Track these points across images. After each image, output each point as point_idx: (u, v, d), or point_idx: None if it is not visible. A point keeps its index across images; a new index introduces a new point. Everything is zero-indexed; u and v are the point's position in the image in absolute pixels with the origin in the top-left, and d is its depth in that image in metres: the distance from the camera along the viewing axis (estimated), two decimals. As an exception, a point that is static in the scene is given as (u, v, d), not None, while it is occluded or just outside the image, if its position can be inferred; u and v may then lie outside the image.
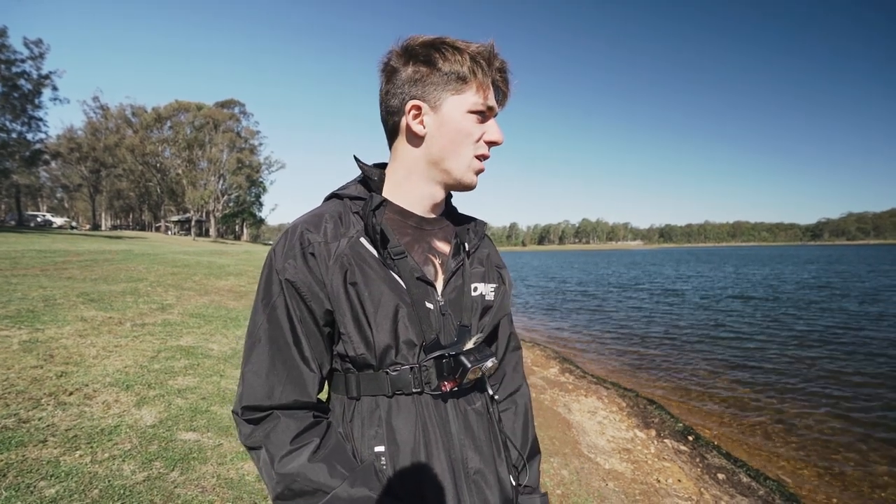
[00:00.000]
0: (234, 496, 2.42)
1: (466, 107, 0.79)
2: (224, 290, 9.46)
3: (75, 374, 3.74)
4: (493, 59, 0.80)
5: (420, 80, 0.79)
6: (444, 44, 0.79)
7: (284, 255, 0.76)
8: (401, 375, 0.77)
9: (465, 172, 0.83)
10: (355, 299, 0.75)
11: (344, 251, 0.76)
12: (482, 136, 0.82)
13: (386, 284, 0.76)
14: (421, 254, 0.84)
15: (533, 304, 16.38)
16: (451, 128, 0.80)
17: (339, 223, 0.80)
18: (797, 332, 9.93)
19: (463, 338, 0.81)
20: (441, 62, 0.78)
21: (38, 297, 6.32)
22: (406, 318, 0.77)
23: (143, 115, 52.41)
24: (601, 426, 4.69)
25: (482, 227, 0.95)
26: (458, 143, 0.81)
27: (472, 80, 0.78)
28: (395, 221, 0.83)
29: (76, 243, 17.91)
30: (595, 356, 8.45)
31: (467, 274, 0.86)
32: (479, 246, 0.91)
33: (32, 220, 40.70)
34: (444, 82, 0.78)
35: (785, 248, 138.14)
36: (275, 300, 0.76)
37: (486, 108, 0.81)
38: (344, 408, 0.81)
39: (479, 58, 0.79)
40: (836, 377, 6.68)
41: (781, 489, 3.71)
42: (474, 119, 0.80)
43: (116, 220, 71.87)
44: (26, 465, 2.43)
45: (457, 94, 0.79)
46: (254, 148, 59.04)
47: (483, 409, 0.86)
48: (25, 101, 33.38)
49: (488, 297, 0.89)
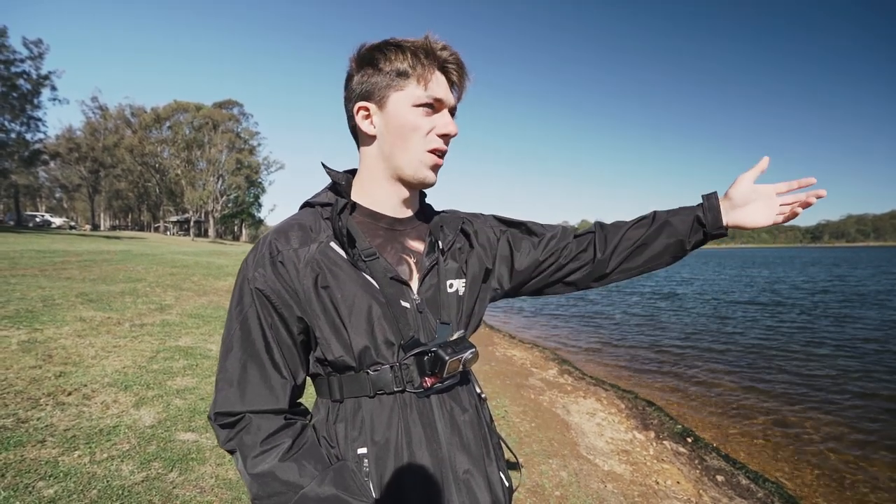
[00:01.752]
0: (233, 497, 2.42)
1: (410, 101, 0.79)
2: (222, 291, 9.45)
3: (74, 375, 3.74)
4: (435, 49, 0.80)
5: (365, 82, 0.81)
6: (387, 44, 0.80)
7: (255, 264, 0.77)
8: (381, 375, 0.77)
9: (418, 168, 0.83)
10: (328, 303, 0.76)
11: (314, 256, 0.77)
12: (432, 129, 0.82)
13: (358, 286, 0.77)
14: (394, 254, 0.84)
15: (531, 306, 16.39)
16: (397, 123, 0.80)
17: (310, 230, 0.80)
18: (798, 335, 9.94)
19: (443, 334, 0.81)
20: (383, 62, 0.79)
21: (36, 297, 6.32)
22: (382, 317, 0.77)
23: (142, 116, 52.41)
24: (600, 428, 4.69)
25: (457, 221, 0.92)
26: (405, 138, 0.81)
27: (412, 73, 0.79)
28: (366, 224, 0.84)
29: (75, 243, 17.88)
30: (594, 358, 8.45)
31: (442, 272, 0.85)
32: (453, 242, 0.90)
33: (31, 220, 40.64)
34: (387, 81, 0.79)
35: (784, 251, 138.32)
36: (246, 310, 0.77)
37: (433, 99, 0.80)
38: (328, 411, 0.81)
39: (419, 51, 0.79)
40: (835, 379, 6.69)
41: (780, 491, 3.71)
42: (421, 112, 0.80)
43: (115, 220, 71.75)
44: (25, 465, 2.42)
45: (399, 91, 0.80)
46: (253, 148, 59.04)
47: (471, 408, 0.86)
48: (24, 102, 33.36)
49: (461, 292, 0.88)
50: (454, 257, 0.89)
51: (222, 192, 55.83)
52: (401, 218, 0.87)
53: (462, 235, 0.93)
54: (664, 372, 7.30)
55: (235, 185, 56.40)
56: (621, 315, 13.50)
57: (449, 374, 0.78)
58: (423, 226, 0.90)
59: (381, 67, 0.79)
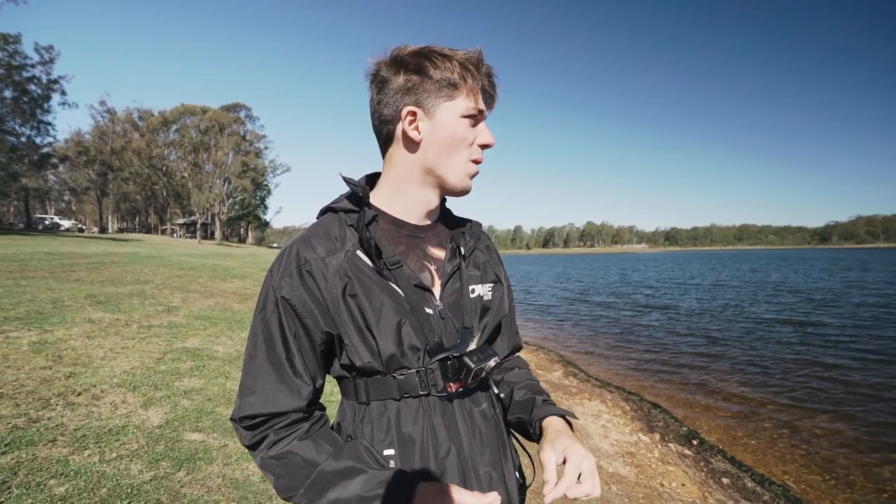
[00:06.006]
0: (240, 496, 2.44)
1: (459, 112, 0.81)
2: (229, 293, 9.52)
3: (83, 375, 3.79)
4: (481, 64, 0.83)
5: (413, 89, 0.81)
6: (432, 52, 0.81)
7: (281, 273, 0.79)
8: (408, 379, 0.80)
9: (462, 178, 0.86)
10: (356, 311, 0.77)
11: (342, 265, 0.78)
12: (475, 139, 0.85)
13: (385, 294, 0.79)
14: (416, 261, 0.86)
15: (537, 308, 16.36)
16: (447, 133, 0.82)
17: (336, 238, 0.82)
18: (804, 337, 9.86)
19: (466, 339, 0.83)
20: (432, 70, 0.80)
21: (46, 298, 6.40)
22: (408, 324, 0.79)
23: (149, 119, 52.96)
24: (605, 430, 4.69)
25: (477, 228, 0.97)
26: (453, 148, 0.83)
27: (462, 85, 0.81)
28: (389, 232, 0.85)
29: (83, 246, 18.07)
30: (599, 360, 8.43)
31: (464, 277, 0.88)
32: (474, 248, 0.93)
33: (41, 222, 41.09)
34: (437, 89, 0.80)
35: (793, 252, 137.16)
36: (269, 317, 0.79)
37: (477, 111, 0.83)
38: (354, 412, 0.84)
39: (467, 63, 0.81)
40: (843, 382, 6.63)
41: (786, 494, 3.69)
42: (467, 123, 0.83)
43: (123, 222, 72.39)
44: (36, 463, 2.47)
45: (449, 100, 0.81)
46: (259, 151, 59.49)
47: (489, 409, 0.89)
48: (35, 106, 33.84)
49: (486, 297, 0.91)
50: (475, 263, 0.92)
51: (228, 194, 56.25)
52: (422, 225, 0.89)
53: (486, 239, 0.99)
54: (670, 374, 7.27)
55: (241, 187, 56.79)
56: (627, 317, 13.45)
57: (473, 380, 0.81)
58: (445, 232, 0.92)
59: (430, 75, 0.80)
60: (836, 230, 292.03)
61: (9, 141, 32.29)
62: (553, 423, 0.87)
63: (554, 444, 0.80)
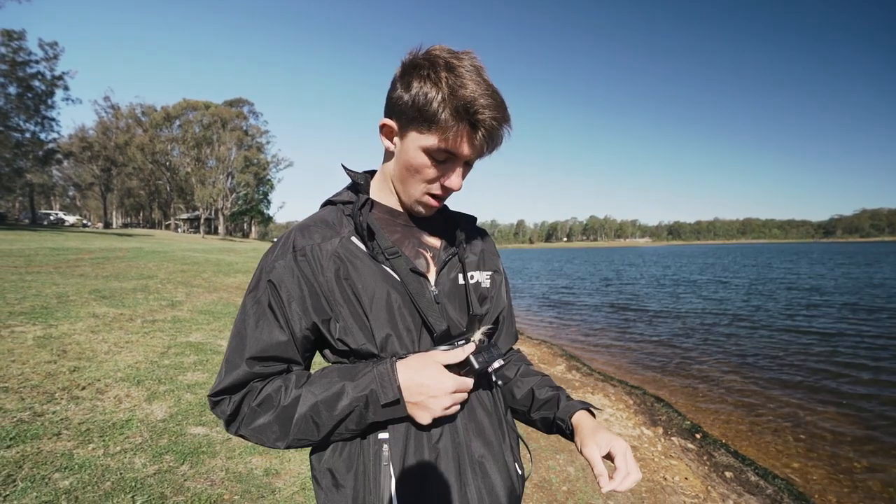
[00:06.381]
0: (243, 489, 2.46)
1: (424, 146, 0.77)
2: (232, 288, 9.55)
3: (88, 370, 3.81)
4: (477, 111, 0.73)
5: (396, 105, 0.79)
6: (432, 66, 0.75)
7: (276, 256, 0.81)
8: None
9: (413, 203, 0.86)
10: (350, 293, 0.79)
11: (336, 250, 0.81)
12: (437, 177, 0.81)
13: (378, 277, 0.80)
14: (412, 248, 0.87)
15: (539, 301, 16.35)
16: (405, 159, 0.81)
17: (332, 225, 0.84)
18: (809, 330, 9.81)
19: (472, 326, 0.84)
20: (416, 86, 0.75)
21: (51, 293, 6.44)
22: (402, 306, 0.80)
23: (152, 114, 52.96)
24: (608, 423, 4.68)
25: (472, 220, 1.01)
26: (408, 176, 0.82)
27: (435, 124, 0.74)
28: (385, 220, 0.88)
29: (88, 241, 18.16)
30: (602, 354, 8.42)
31: (464, 263, 0.89)
32: (471, 238, 0.96)
33: (45, 218, 41.33)
34: (413, 118, 0.76)
35: (797, 245, 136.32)
36: (260, 296, 0.81)
37: (448, 155, 0.78)
38: None
39: (457, 104, 0.73)
40: (848, 375, 6.60)
41: (790, 488, 3.68)
42: (432, 161, 0.79)
43: (127, 217, 72.72)
44: (41, 457, 2.48)
45: (419, 133, 0.77)
46: (261, 146, 59.47)
47: (487, 395, 0.89)
48: (39, 102, 33.91)
49: (485, 283, 0.92)
50: (472, 251, 0.95)
51: (231, 189, 56.32)
52: (417, 216, 0.91)
53: (482, 232, 1.01)
54: (673, 368, 7.26)
55: (244, 182, 56.88)
56: (630, 311, 13.42)
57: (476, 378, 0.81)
58: (440, 222, 0.95)
59: (412, 93, 0.75)
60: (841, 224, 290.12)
61: (14, 137, 32.42)
62: (585, 420, 0.90)
63: (595, 440, 0.83)
